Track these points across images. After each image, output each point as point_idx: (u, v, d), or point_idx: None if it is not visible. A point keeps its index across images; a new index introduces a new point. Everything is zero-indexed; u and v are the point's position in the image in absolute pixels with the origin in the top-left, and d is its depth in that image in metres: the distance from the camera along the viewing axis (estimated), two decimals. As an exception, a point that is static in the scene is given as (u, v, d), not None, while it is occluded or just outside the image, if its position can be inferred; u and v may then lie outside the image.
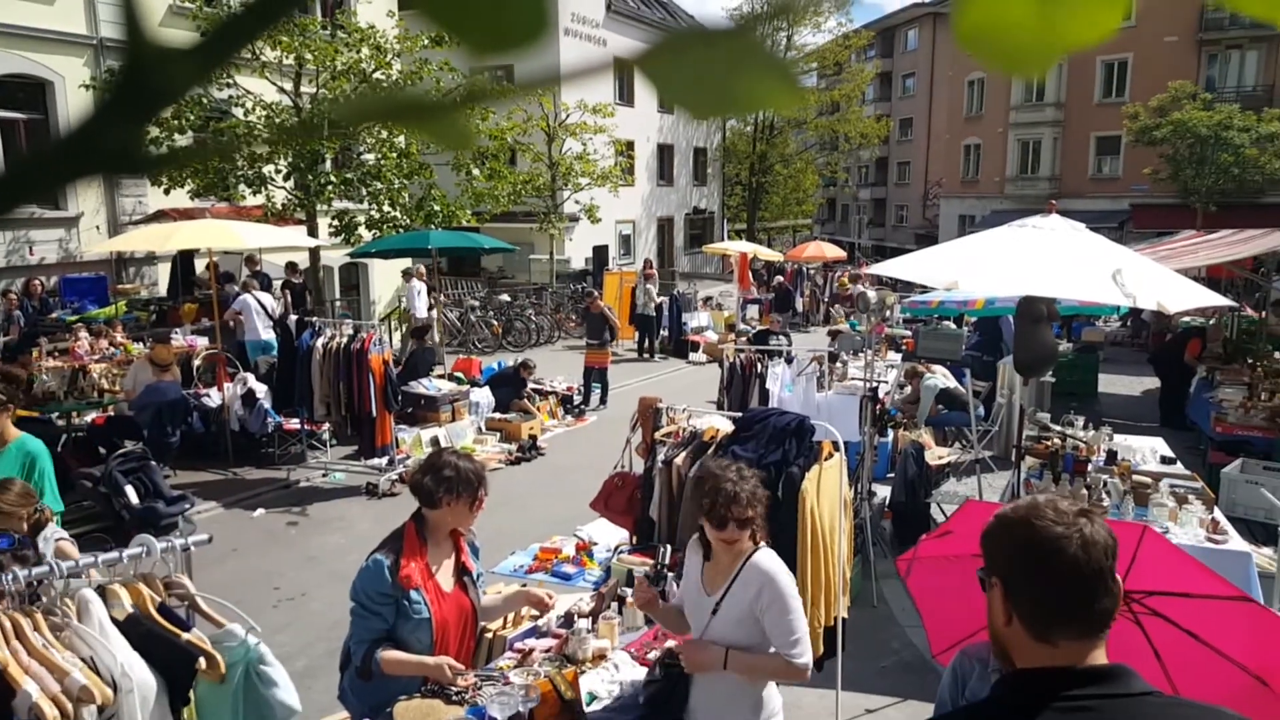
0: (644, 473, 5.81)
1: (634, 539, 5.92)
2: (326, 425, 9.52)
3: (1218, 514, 5.55)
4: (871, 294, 7.17)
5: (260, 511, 8.27)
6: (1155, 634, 2.30)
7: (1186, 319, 13.00)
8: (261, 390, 9.70)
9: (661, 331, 18.32)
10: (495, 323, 18.11)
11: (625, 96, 29.52)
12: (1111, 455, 6.40)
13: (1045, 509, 1.44)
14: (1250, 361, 11.02)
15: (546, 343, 18.61)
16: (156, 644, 2.83)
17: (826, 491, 4.98)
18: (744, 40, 0.42)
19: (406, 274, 15.16)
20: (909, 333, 15.74)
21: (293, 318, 10.14)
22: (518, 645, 3.87)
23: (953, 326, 15.32)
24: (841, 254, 26.67)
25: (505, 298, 19.83)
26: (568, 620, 4.24)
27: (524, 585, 4.39)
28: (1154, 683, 2.32)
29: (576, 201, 23.21)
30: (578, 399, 12.73)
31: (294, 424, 9.68)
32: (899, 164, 52.30)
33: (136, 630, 2.84)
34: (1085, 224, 6.30)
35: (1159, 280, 5.79)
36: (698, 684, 2.96)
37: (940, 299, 11.54)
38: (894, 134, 49.83)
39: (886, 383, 10.16)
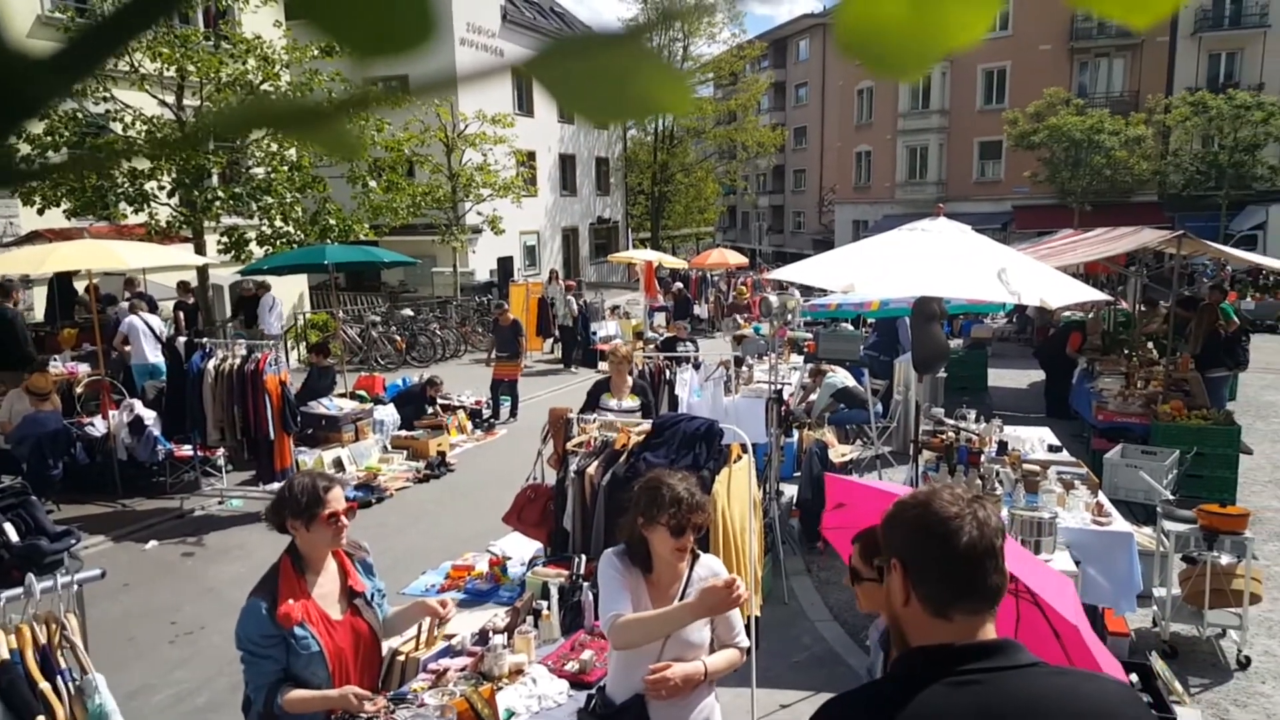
0: (557, 484, 5.78)
1: (548, 551, 5.88)
2: (221, 450, 9.13)
3: (1102, 497, 5.87)
4: (774, 299, 7.32)
5: (153, 543, 7.88)
6: (1021, 608, 2.60)
7: (1067, 314, 13.69)
8: (150, 416, 9.25)
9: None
10: (398, 338, 17.73)
11: (525, 106, 29.39)
12: (1002, 446, 6.69)
13: (941, 494, 1.52)
14: (1126, 353, 11.70)
15: (453, 357, 18.33)
16: (14, 693, 2.67)
17: (737, 493, 5.06)
18: (635, 46, 0.43)
19: (264, 287, 14.56)
20: (810, 335, 16.10)
21: (181, 339, 9.71)
22: (431, 666, 3.80)
23: (851, 328, 15.76)
24: (744, 260, 27.14)
25: (408, 312, 19.44)
26: (482, 637, 4.18)
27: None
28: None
29: (479, 213, 22.97)
30: (487, 413, 12.58)
31: (186, 450, 9.26)
32: (795, 171, 53.61)
33: (4, 677, 2.67)
34: (971, 226, 6.59)
35: (1041, 278, 6.11)
36: (656, 710, 2.84)
37: (838, 302, 11.88)
38: (789, 142, 51.08)
39: (790, 384, 10.38)
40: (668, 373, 8.93)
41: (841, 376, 10.20)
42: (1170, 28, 32.53)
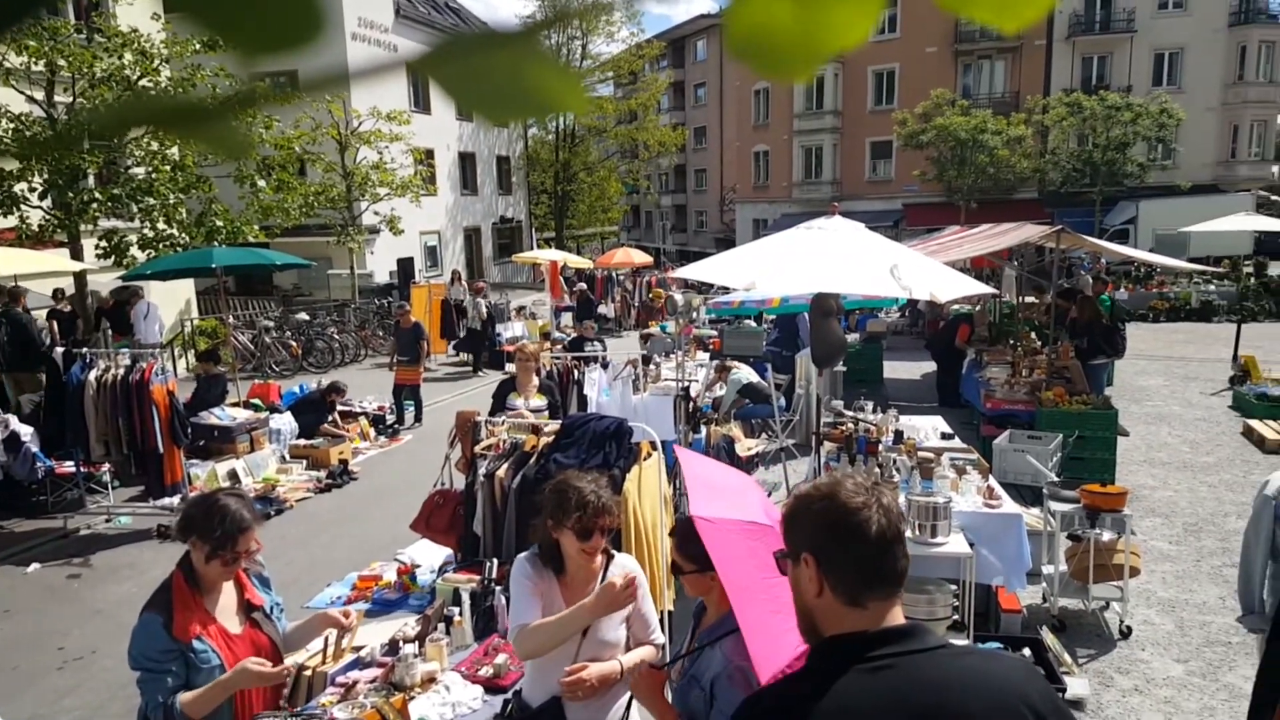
0: (466, 488, 5.70)
1: (459, 556, 5.79)
2: (106, 466, 8.66)
3: (992, 481, 6.14)
4: (679, 297, 7.41)
5: (35, 566, 7.41)
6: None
7: (956, 307, 14.25)
8: (27, 432, 8.69)
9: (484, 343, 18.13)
10: (294, 344, 17.15)
11: (421, 103, 28.86)
12: (898, 435, 6.92)
13: (844, 485, 1.55)
14: (1011, 343, 12.27)
15: (353, 362, 17.86)
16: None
17: (647, 490, 5.09)
18: (529, 44, 0.43)
19: (135, 295, 13.89)
20: (715, 333, 16.34)
21: (59, 350, 9.17)
22: (340, 679, 3.70)
23: (753, 325, 16.06)
24: (649, 259, 27.31)
25: (303, 316, 18.82)
26: (392, 647, 4.09)
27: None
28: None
29: (376, 213, 22.43)
30: (390, 418, 12.30)
31: (68, 467, 8.75)
32: (696, 171, 54.25)
33: None
34: (865, 223, 6.80)
35: (931, 273, 6.34)
36: (573, 711, 2.84)
37: (741, 299, 12.07)
38: (690, 142, 51.67)
39: (698, 381, 10.51)
40: (576, 373, 8.91)
41: (746, 372, 10.38)
42: (1047, 32, 34.30)
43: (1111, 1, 33.99)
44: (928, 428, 7.66)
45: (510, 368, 16.95)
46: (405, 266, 28.14)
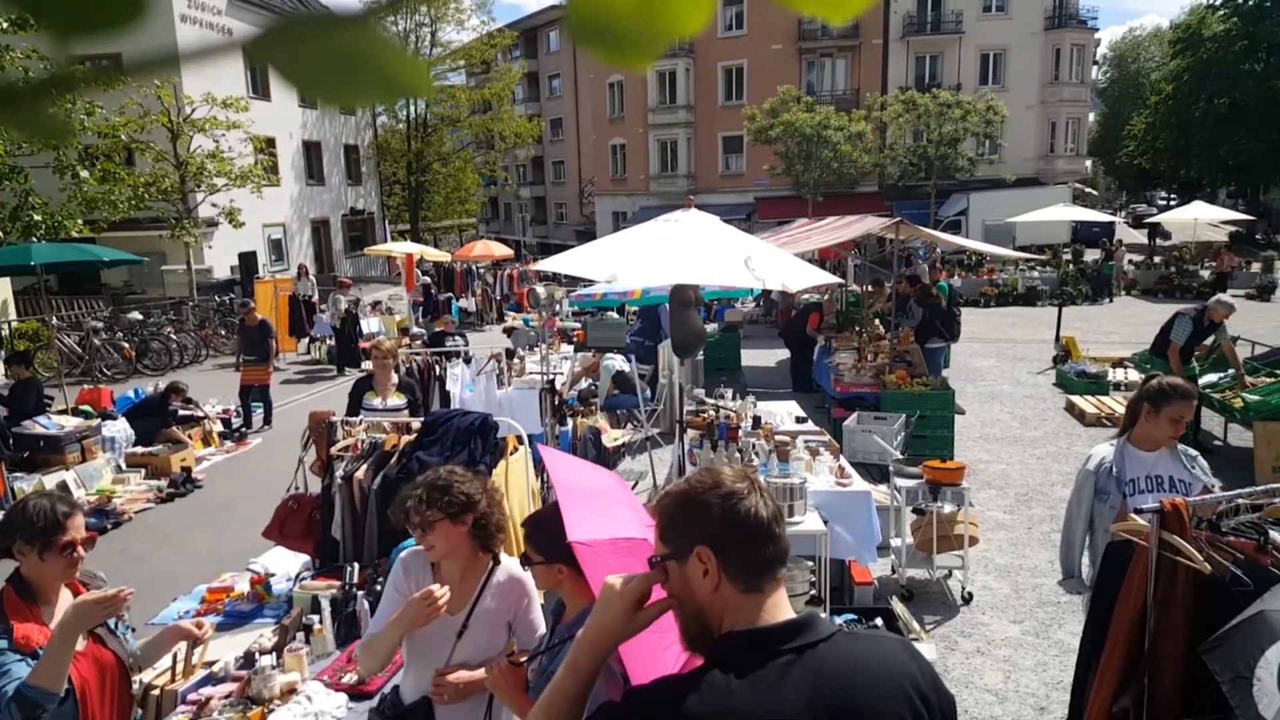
0: (322, 491, 5.49)
1: (317, 563, 5.58)
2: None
3: (843, 461, 6.44)
4: (541, 290, 7.37)
5: None
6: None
7: (806, 296, 14.85)
8: None
9: (328, 340, 17.43)
10: (126, 345, 15.98)
11: (260, 89, 27.42)
12: (756, 420, 7.15)
13: (724, 474, 1.57)
14: (857, 329, 12.88)
15: (193, 363, 16.81)
16: None
17: (515, 485, 5.05)
18: (368, 27, 0.42)
19: None
20: (579, 325, 16.37)
21: None
22: (191, 697, 3.50)
23: (616, 316, 16.19)
24: (509, 252, 27.00)
25: (136, 316, 17.56)
26: (248, 660, 3.90)
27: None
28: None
29: (213, 204, 21.17)
30: (237, 421, 11.67)
31: None
32: (554, 163, 54.02)
33: None
34: (719, 216, 6.97)
35: (782, 264, 6.57)
36: (442, 713, 2.79)
37: (603, 291, 12.14)
38: (547, 134, 51.37)
39: (562, 374, 10.50)
40: (437, 368, 8.73)
41: (618, 361, 10.46)
42: (883, 31, 36.09)
43: (941, 3, 36.08)
44: (783, 412, 7.95)
45: (367, 365, 16.46)
46: (248, 261, 26.69)
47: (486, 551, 2.82)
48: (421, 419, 5.61)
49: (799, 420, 7.76)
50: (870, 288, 14.39)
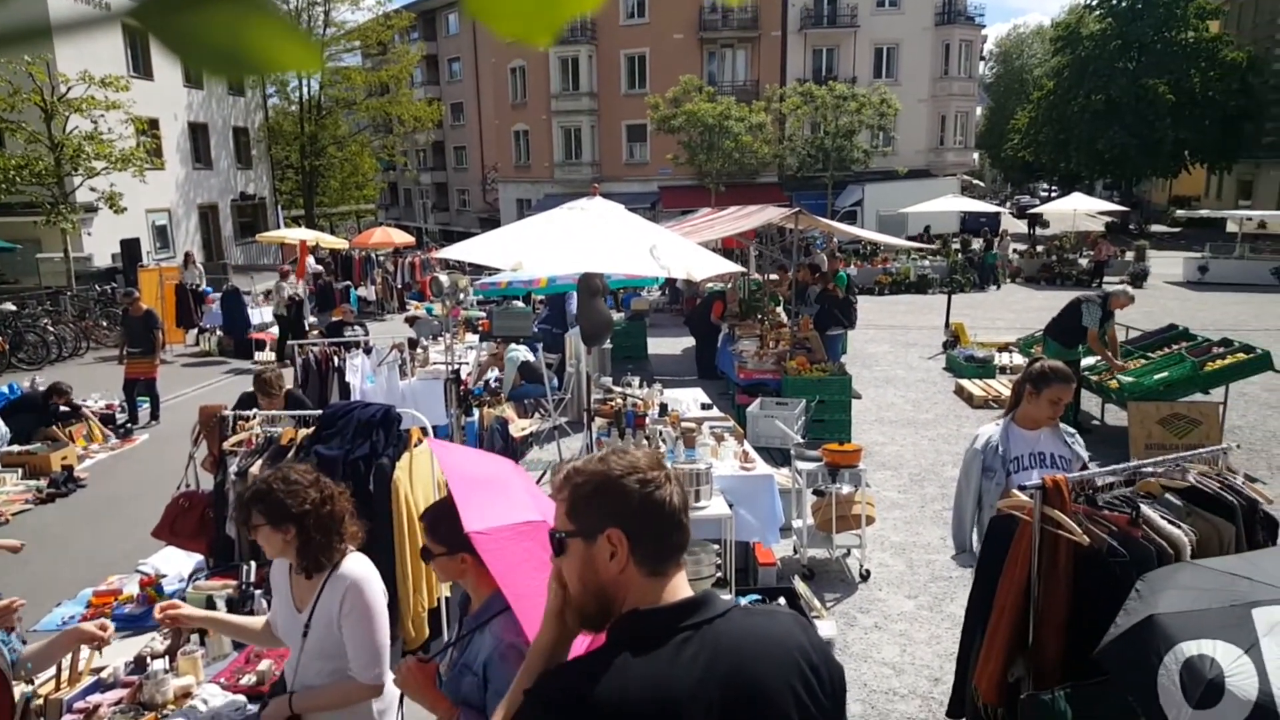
0: (215, 488, 5.30)
1: (211, 562, 5.38)
2: None
3: (747, 446, 6.60)
4: (444, 278, 7.25)
5: None
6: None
7: (710, 284, 15.05)
8: None
9: (219, 331, 16.76)
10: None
11: (141, 68, 26.04)
12: (663, 407, 7.24)
13: (639, 459, 1.59)
14: (759, 317, 13.15)
15: (72, 356, 15.90)
16: None
17: (419, 477, 4.98)
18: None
19: None
20: (484, 314, 16.18)
21: None
22: (78, 705, 3.34)
23: (522, 305, 16.06)
24: (410, 239, 26.42)
25: (9, 307, 16.49)
26: (139, 665, 3.75)
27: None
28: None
29: (92, 189, 20.00)
30: (122, 417, 11.11)
31: None
32: (456, 148, 53.08)
33: None
34: (624, 205, 7.01)
35: (687, 253, 6.66)
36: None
37: (508, 279, 12.03)
38: (447, 118, 50.39)
39: (468, 363, 10.37)
40: (336, 359, 8.51)
41: (523, 352, 10.38)
42: (781, 23, 36.73)
43: (837, -3, 36.99)
44: (689, 399, 8.07)
45: (260, 356, 15.91)
46: (130, 248, 25.32)
47: (315, 571, 2.74)
48: (318, 411, 5.47)
49: (704, 407, 7.89)
50: (772, 276, 14.70)
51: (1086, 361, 9.99)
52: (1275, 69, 38.08)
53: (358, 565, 2.81)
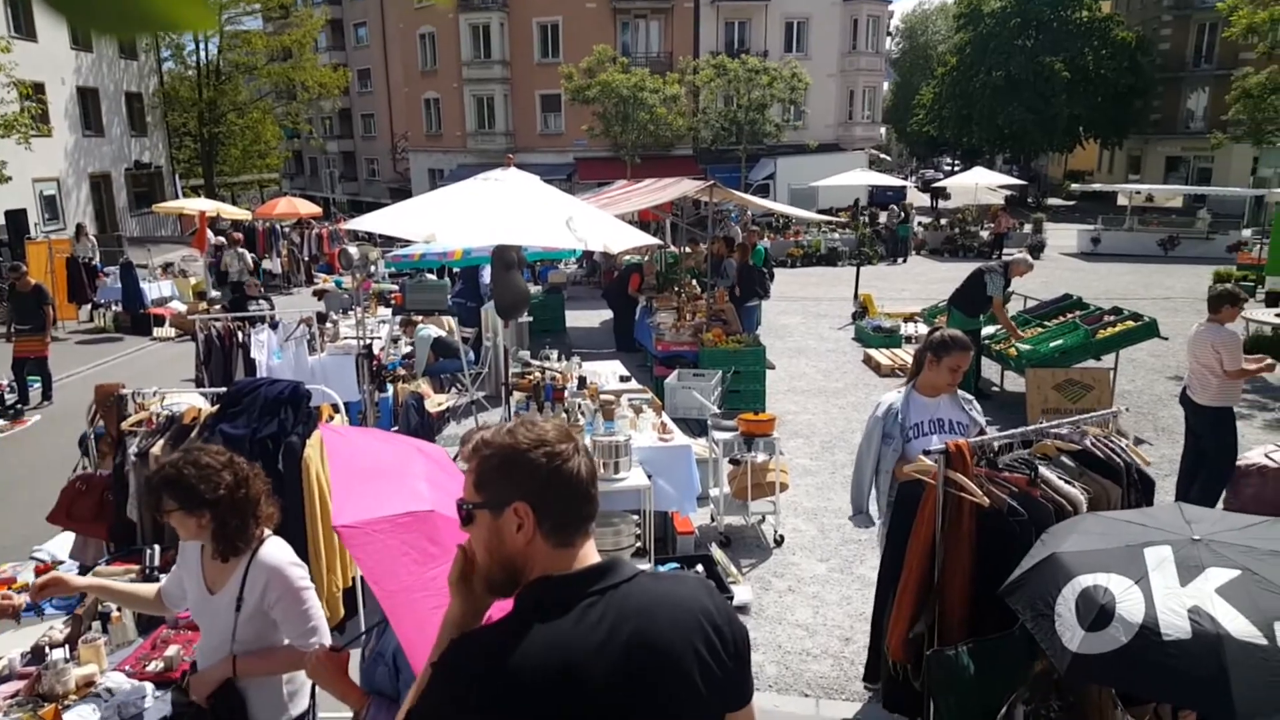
0: (114, 470, 5.09)
1: (111, 547, 5.18)
2: None
3: (665, 418, 6.67)
4: (354, 250, 7.06)
5: None
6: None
7: (628, 257, 15.05)
8: None
9: (115, 306, 16.00)
10: None
11: (24, 29, 24.41)
12: (582, 380, 7.25)
13: (548, 430, 1.59)
14: (676, 290, 13.23)
15: (-50, 334, 14.96)
16: None
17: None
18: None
19: None
20: (396, 287, 15.85)
21: None
22: (-31, 703, 3.19)
23: (436, 278, 15.78)
24: (317, 210, 25.58)
25: (-121, 282, 15.37)
26: (36, 655, 3.60)
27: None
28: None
29: (-30, 157, 18.74)
30: (11, 398, 10.52)
31: None
32: (364, 116, 51.47)
33: None
34: (540, 176, 6.93)
35: (604, 225, 6.64)
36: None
37: (421, 252, 11.80)
38: (354, 85, 48.75)
39: (381, 338, 10.16)
40: (240, 335, 8.23)
41: (433, 329, 10.21)
42: (694, -5, 36.63)
43: (749, -31, 37.06)
44: (608, 372, 8.09)
45: (160, 332, 15.26)
46: (16, 220, 23.76)
47: (230, 555, 2.69)
48: (223, 389, 5.29)
49: (623, 379, 7.93)
50: (688, 249, 14.79)
51: (987, 330, 10.40)
52: (1162, 49, 39.96)
53: (276, 550, 2.76)
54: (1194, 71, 39.01)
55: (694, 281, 13.74)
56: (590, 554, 1.59)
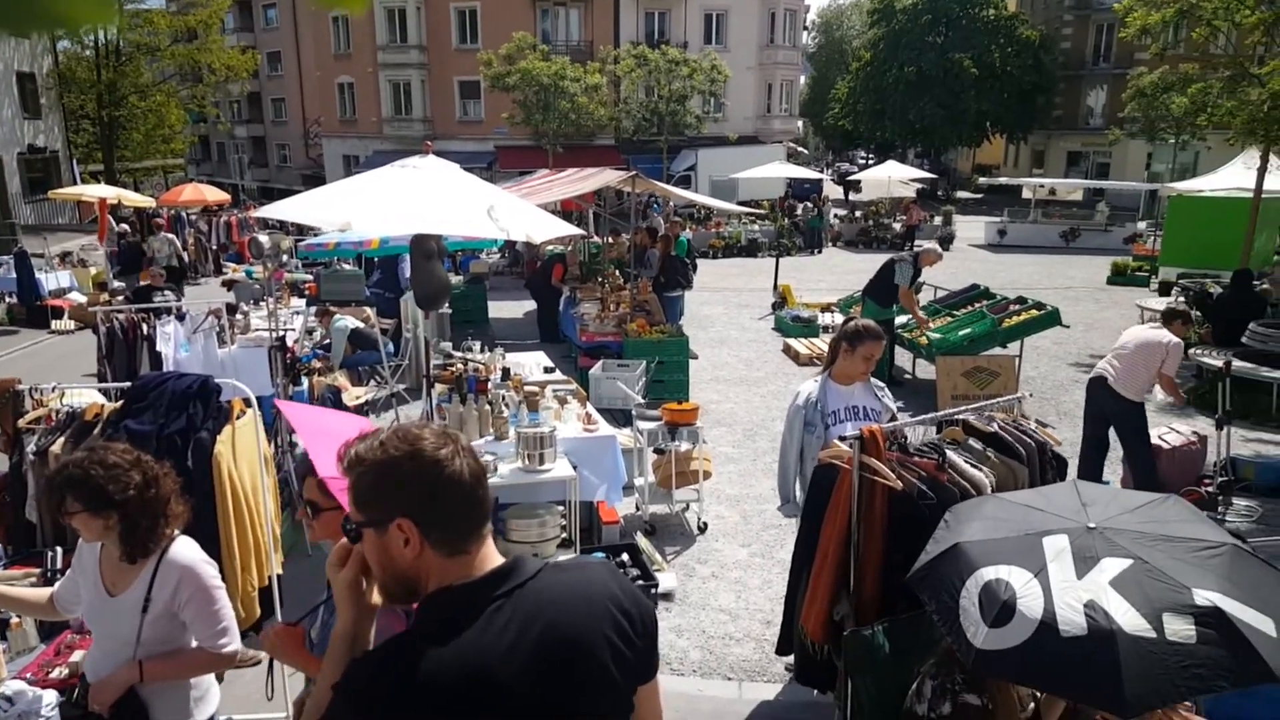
0: (10, 470, 4.85)
1: (9, 550, 4.93)
2: None
3: (590, 408, 6.68)
4: (265, 239, 6.82)
5: None
6: None
7: (551, 247, 14.98)
8: None
9: (9, 297, 15.17)
10: None
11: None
12: (506, 372, 7.20)
13: (422, 439, 1.50)
14: (600, 280, 13.23)
15: None
16: None
17: (244, 451, 4.74)
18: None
19: None
20: (310, 277, 15.43)
21: None
22: None
23: (352, 267, 15.41)
24: (225, 196, 24.69)
25: None
26: (-73, 668, 3.41)
27: None
28: None
29: None
30: (-113, 395, 9.88)
31: None
32: (274, 100, 49.82)
33: None
34: (459, 164, 6.83)
35: (526, 214, 6.59)
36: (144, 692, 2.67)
37: (337, 240, 11.50)
38: (263, 68, 47.11)
39: (294, 330, 9.89)
40: (144, 327, 7.91)
41: (349, 320, 9.98)
42: (615, -16, 36.54)
43: (668, -41, 37.11)
44: (531, 363, 8.06)
45: (58, 324, 14.54)
46: (-109, 205, 22.38)
47: (140, 556, 2.61)
48: (127, 384, 5.09)
49: (547, 370, 7.90)
50: (611, 239, 14.79)
51: (900, 320, 10.70)
52: (1064, 48, 41.63)
53: (186, 550, 2.68)
54: (1093, 70, 40.79)
55: (617, 272, 13.76)
56: (490, 556, 1.55)
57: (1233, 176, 16.18)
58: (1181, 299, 13.12)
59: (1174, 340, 6.49)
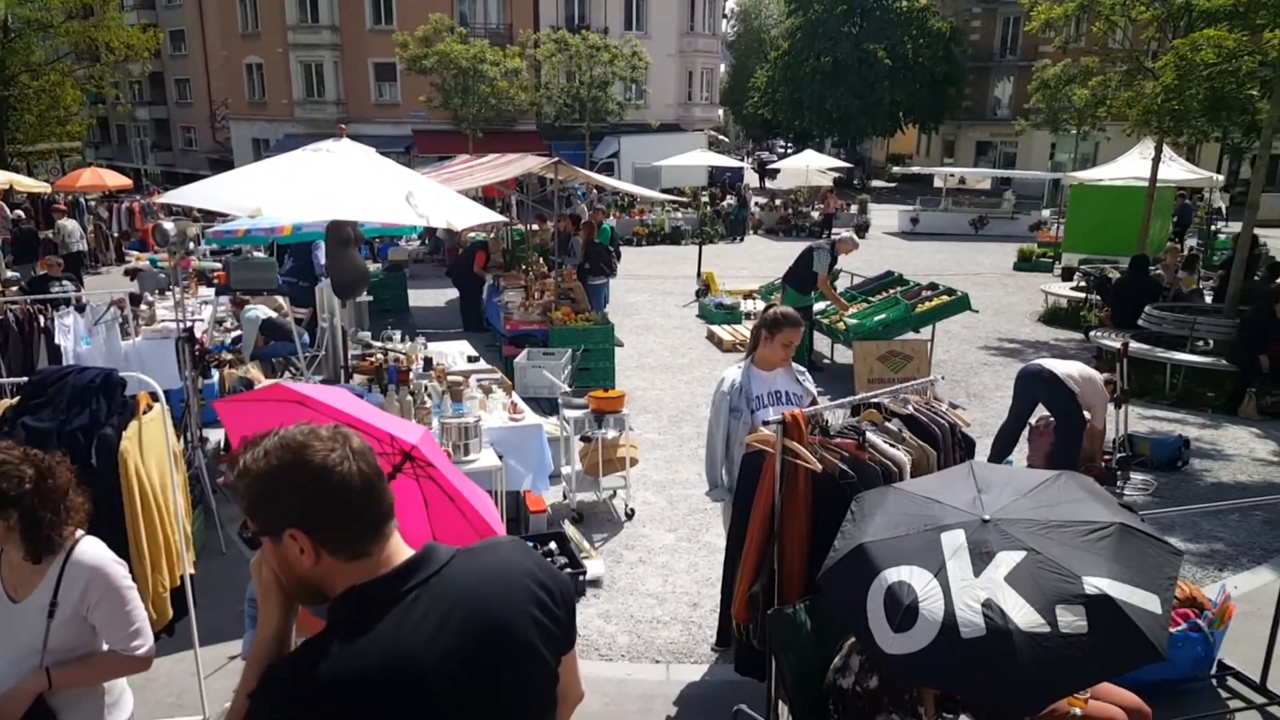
0: (-107, 472, 4.54)
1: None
2: None
3: (515, 397, 6.63)
4: (170, 226, 6.54)
5: None
6: (427, 492, 2.92)
7: (473, 234, 14.78)
8: None
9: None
10: None
11: None
12: (428, 362, 7.08)
13: (309, 444, 1.45)
14: (524, 268, 13.12)
15: None
16: None
17: (151, 447, 4.56)
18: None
19: None
20: (219, 265, 14.90)
21: None
22: None
23: (263, 255, 14.93)
24: (127, 181, 23.63)
25: None
26: None
27: None
28: (420, 526, 2.74)
29: None
30: None
31: None
32: (178, 81, 47.72)
33: None
34: (375, 148, 6.68)
35: (446, 201, 6.49)
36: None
37: (247, 227, 11.14)
38: (166, 47, 45.06)
39: (203, 320, 9.54)
40: (41, 319, 7.53)
41: (261, 310, 9.66)
42: (532, -33, 36.08)
43: (588, -56, 36.84)
44: (454, 352, 7.94)
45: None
46: None
47: (46, 553, 2.49)
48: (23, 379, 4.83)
49: (471, 360, 7.80)
50: (534, 226, 14.67)
51: (818, 306, 10.91)
52: (973, 39, 42.89)
53: (93, 550, 2.56)
54: (1000, 62, 42.14)
55: (541, 259, 13.67)
56: (398, 551, 1.51)
57: (1130, 166, 16.98)
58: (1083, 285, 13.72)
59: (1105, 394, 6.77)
